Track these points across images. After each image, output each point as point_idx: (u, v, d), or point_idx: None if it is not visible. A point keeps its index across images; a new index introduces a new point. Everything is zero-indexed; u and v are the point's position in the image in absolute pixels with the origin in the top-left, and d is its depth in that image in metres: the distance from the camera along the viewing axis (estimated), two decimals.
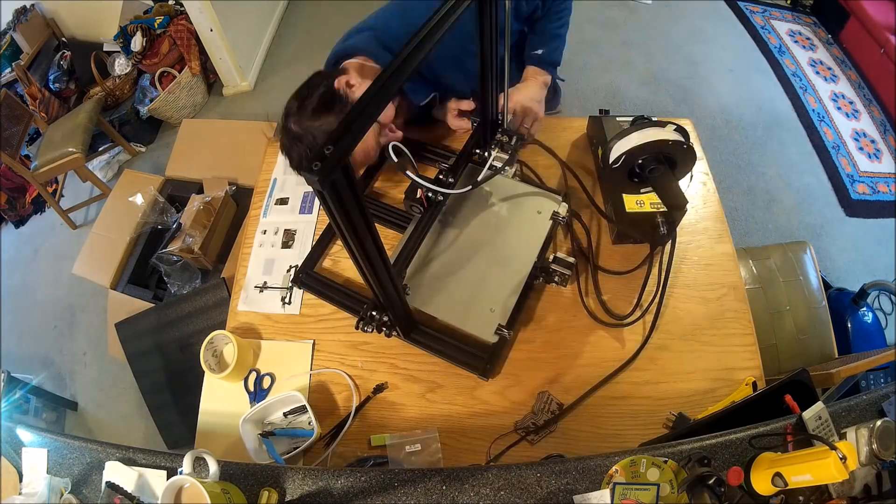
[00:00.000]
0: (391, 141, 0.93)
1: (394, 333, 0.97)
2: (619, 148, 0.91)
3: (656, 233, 0.97)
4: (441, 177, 1.05)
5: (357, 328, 0.95)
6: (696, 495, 0.67)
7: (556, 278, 1.00)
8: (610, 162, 0.93)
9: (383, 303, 0.87)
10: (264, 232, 1.22)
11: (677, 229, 0.95)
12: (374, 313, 0.93)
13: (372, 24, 1.12)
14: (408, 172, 0.90)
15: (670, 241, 0.92)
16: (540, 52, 1.18)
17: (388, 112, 1.08)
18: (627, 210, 1.02)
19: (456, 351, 0.97)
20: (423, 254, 1.05)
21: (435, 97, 1.19)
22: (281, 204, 1.25)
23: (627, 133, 0.91)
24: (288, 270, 1.13)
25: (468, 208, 1.11)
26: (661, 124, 0.91)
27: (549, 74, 1.19)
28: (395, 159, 0.88)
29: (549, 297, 1.05)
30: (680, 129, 0.90)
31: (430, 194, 1.02)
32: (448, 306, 1.00)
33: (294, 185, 1.27)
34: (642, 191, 1.01)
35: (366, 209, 0.64)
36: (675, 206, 0.86)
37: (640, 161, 0.91)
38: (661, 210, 0.99)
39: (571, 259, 1.00)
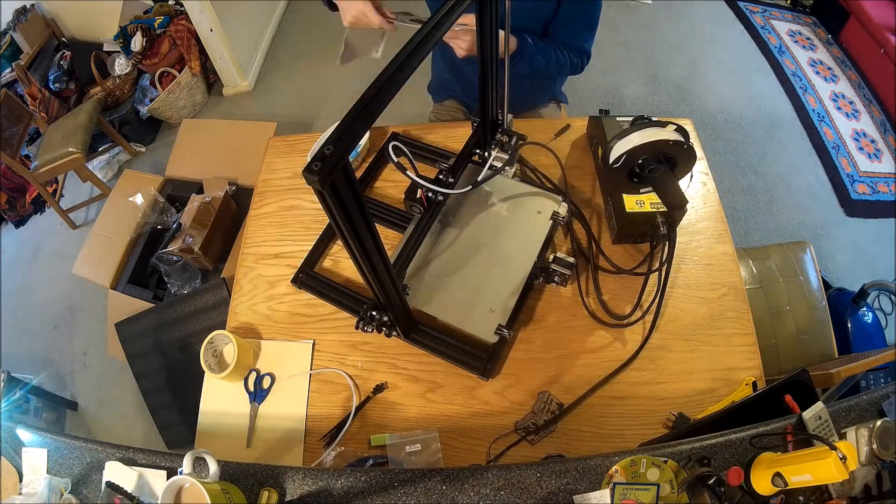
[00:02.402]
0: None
1: (394, 333, 0.97)
2: (620, 148, 0.91)
3: (656, 233, 0.97)
4: (441, 177, 1.04)
5: (357, 328, 0.95)
6: (696, 495, 0.67)
7: (556, 278, 1.00)
8: (610, 162, 0.93)
9: (383, 303, 0.87)
10: None
11: (677, 229, 0.95)
12: (374, 313, 0.93)
13: None
14: (407, 172, 0.89)
15: (670, 241, 0.92)
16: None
17: None
18: (627, 210, 1.02)
19: (456, 351, 0.97)
20: (424, 254, 1.05)
21: None
22: None
23: (627, 133, 0.91)
24: None
25: (468, 208, 1.11)
26: (662, 124, 0.91)
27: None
28: (395, 159, 0.88)
29: (549, 297, 1.05)
30: (680, 129, 0.90)
31: (430, 194, 1.02)
32: (448, 306, 1.00)
33: None
34: (642, 191, 1.01)
35: (366, 209, 0.64)
36: (675, 205, 0.86)
37: (640, 161, 0.91)
38: (661, 210, 0.99)
39: (571, 259, 1.00)
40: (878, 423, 0.67)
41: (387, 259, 0.75)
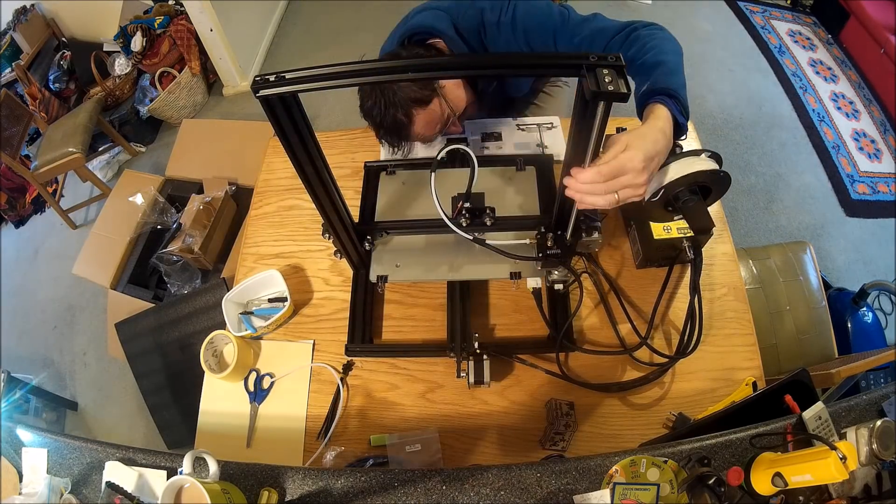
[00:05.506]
0: (451, 133, 1.06)
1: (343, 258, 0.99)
2: (655, 182, 0.87)
3: (680, 256, 0.97)
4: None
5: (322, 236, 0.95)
6: (696, 495, 0.67)
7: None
8: (646, 197, 0.90)
9: (335, 226, 0.91)
10: None
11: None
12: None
13: (447, 6, 1.07)
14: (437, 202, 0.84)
15: (695, 265, 0.92)
16: (644, 87, 0.89)
17: (460, 102, 1.05)
18: (655, 237, 1.00)
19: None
20: (425, 240, 1.02)
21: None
22: None
23: (662, 165, 0.87)
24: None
25: None
26: (695, 152, 0.87)
27: (665, 108, 0.83)
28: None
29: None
30: (714, 156, 0.87)
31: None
32: None
33: None
34: (674, 218, 0.98)
35: (305, 133, 0.72)
36: (703, 230, 0.85)
37: (675, 193, 0.88)
38: (688, 235, 0.97)
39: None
40: (878, 423, 0.67)
41: (333, 182, 0.84)
